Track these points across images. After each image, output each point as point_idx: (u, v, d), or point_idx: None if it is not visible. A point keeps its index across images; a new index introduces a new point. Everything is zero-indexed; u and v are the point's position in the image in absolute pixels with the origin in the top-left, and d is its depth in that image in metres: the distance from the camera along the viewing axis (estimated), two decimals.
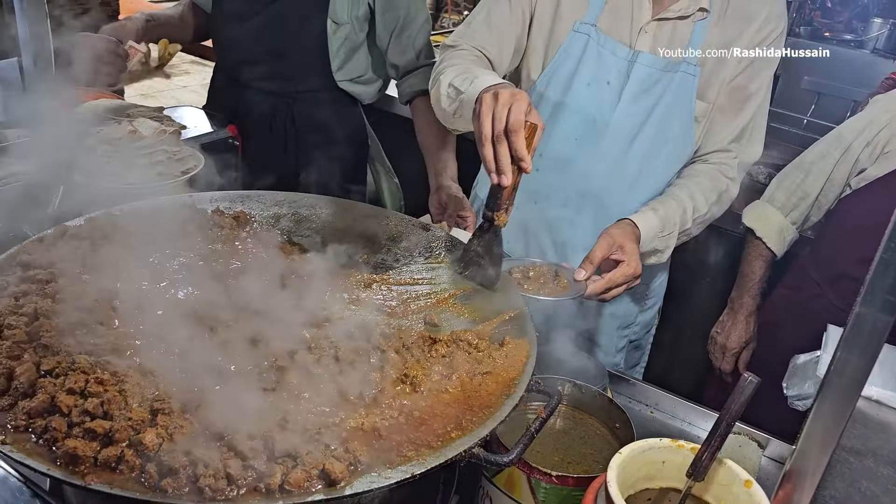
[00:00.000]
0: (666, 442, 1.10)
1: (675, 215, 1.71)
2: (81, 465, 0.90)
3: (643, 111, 1.72)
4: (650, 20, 1.68)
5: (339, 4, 2.19)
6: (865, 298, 0.92)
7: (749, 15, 1.66)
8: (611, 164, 1.77)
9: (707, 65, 1.69)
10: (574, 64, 1.73)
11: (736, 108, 1.74)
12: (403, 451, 1.01)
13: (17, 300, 1.14)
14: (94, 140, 1.77)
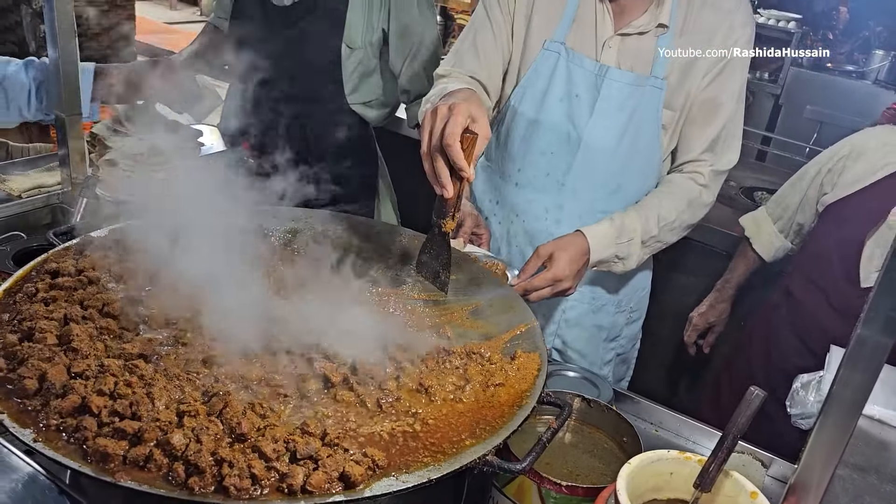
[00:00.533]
0: (674, 454, 1.13)
1: (634, 223, 1.75)
2: (111, 462, 0.93)
3: (616, 125, 1.77)
4: (612, 35, 1.73)
5: (353, 30, 2.25)
6: (867, 320, 0.96)
7: (710, 28, 1.70)
8: (587, 177, 1.82)
9: (672, 77, 1.74)
10: (546, 81, 1.79)
11: (707, 119, 1.78)
12: (420, 457, 1.04)
13: (47, 305, 1.18)
14: (115, 154, 1.82)
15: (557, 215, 1.87)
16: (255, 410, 1.04)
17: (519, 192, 1.90)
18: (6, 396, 1.02)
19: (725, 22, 1.71)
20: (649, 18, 1.71)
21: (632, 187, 1.84)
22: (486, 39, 1.81)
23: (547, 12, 1.77)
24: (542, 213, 1.89)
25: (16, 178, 1.85)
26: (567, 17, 1.75)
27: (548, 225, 1.89)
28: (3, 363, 1.06)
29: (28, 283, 1.26)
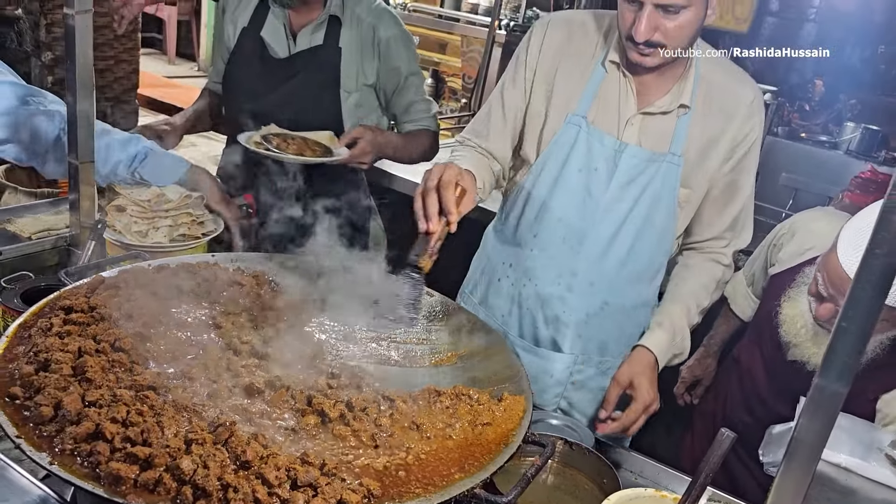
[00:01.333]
0: (650, 491, 1.20)
1: (681, 320, 1.85)
2: (123, 485, 0.99)
3: (631, 198, 1.85)
4: (636, 113, 1.82)
5: (347, 77, 2.42)
6: (823, 370, 1.05)
7: (730, 113, 1.80)
8: (601, 245, 1.89)
9: (690, 155, 1.83)
10: (566, 152, 1.86)
11: (728, 200, 1.88)
12: (412, 489, 1.10)
13: (61, 339, 1.25)
14: (123, 200, 1.90)
15: (570, 281, 1.92)
16: (259, 441, 1.10)
17: (533, 256, 1.95)
18: (23, 422, 1.08)
19: (743, 109, 1.80)
20: (672, 98, 1.79)
21: (643, 258, 1.91)
22: (497, 119, 1.94)
23: (568, 86, 1.85)
24: (555, 278, 1.94)
25: (26, 220, 1.93)
26: (589, 91, 1.83)
27: (560, 290, 1.94)
28: (20, 392, 1.13)
29: (42, 319, 1.33)
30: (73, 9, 1.71)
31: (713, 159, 1.82)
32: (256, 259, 1.74)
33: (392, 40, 2.43)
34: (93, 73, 1.82)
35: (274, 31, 2.43)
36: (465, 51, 6.04)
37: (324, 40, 2.40)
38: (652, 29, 1.61)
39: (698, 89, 1.80)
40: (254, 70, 2.47)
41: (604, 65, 1.82)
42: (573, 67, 1.85)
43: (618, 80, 1.82)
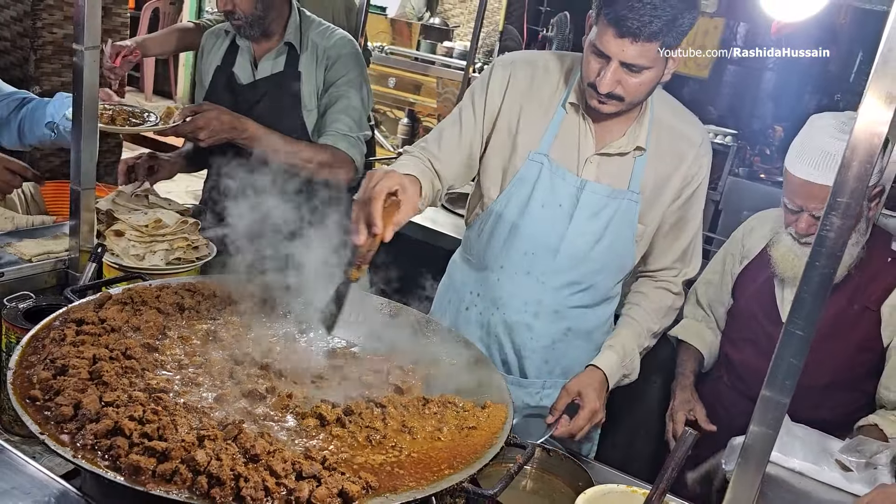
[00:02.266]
0: (622, 487, 1.31)
1: (631, 343, 1.96)
2: (142, 475, 1.08)
3: (592, 233, 1.95)
4: (594, 153, 1.93)
5: (306, 98, 2.58)
6: (768, 383, 1.20)
7: (680, 154, 1.93)
8: (564, 277, 1.99)
9: (646, 193, 1.94)
10: (529, 188, 1.95)
11: (678, 233, 2.01)
12: (406, 482, 1.20)
13: (76, 347, 1.34)
14: (122, 225, 2.00)
15: (536, 309, 2.01)
16: (265, 438, 1.20)
17: (500, 286, 2.03)
18: (45, 421, 1.16)
19: (692, 151, 1.92)
20: (628, 141, 1.90)
21: (604, 287, 2.03)
22: (451, 137, 1.98)
23: (532, 126, 1.94)
24: (521, 307, 2.02)
25: (26, 243, 2.00)
26: (551, 131, 1.92)
27: (526, 317, 2.02)
28: (40, 394, 1.21)
29: (53, 331, 1.41)
30: (83, 45, 1.83)
31: (665, 196, 1.94)
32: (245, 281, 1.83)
33: (341, 58, 2.57)
34: (97, 105, 1.94)
35: (242, 63, 2.62)
36: (440, 92, 6.24)
37: (284, 67, 2.58)
38: (615, 82, 1.73)
39: (652, 132, 1.91)
40: (225, 98, 2.61)
41: (564, 106, 1.92)
42: (536, 108, 1.94)
43: (577, 121, 1.92)
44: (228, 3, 2.42)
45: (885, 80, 1.03)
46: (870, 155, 1.05)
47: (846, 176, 1.07)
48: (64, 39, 3.81)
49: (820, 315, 1.13)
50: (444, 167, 1.95)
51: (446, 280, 2.25)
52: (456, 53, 6.34)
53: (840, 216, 1.08)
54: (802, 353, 1.16)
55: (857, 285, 1.99)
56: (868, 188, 1.75)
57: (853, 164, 1.07)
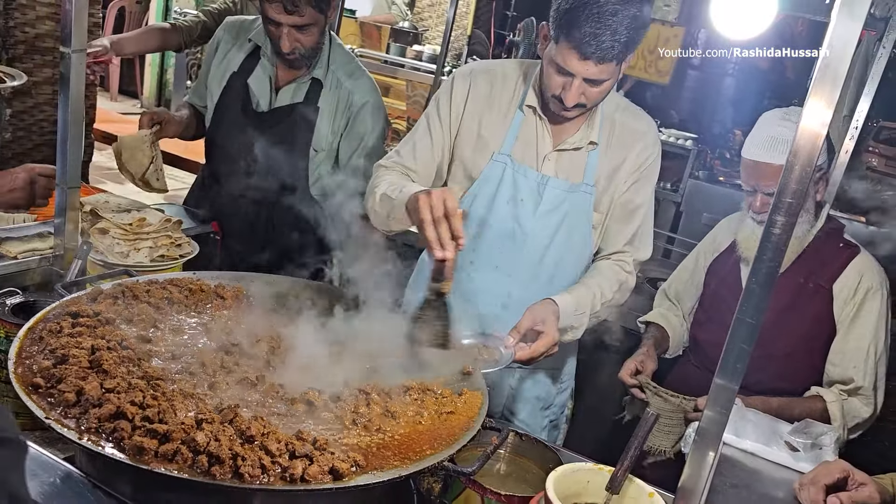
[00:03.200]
0: (590, 465, 1.42)
1: (586, 298, 2.06)
2: (146, 455, 1.15)
3: (553, 224, 2.08)
4: (551, 150, 2.07)
5: (320, 136, 2.60)
6: (720, 371, 1.31)
7: (628, 146, 2.07)
8: (529, 268, 2.11)
9: (599, 184, 2.08)
10: (494, 186, 2.08)
11: (627, 218, 2.14)
12: (391, 461, 1.29)
13: (74, 338, 1.40)
14: (106, 224, 2.05)
15: (505, 301, 2.12)
16: (259, 421, 1.28)
17: (471, 281, 2.13)
18: (50, 406, 1.23)
19: (640, 141, 2.07)
20: (582, 136, 2.04)
21: (567, 277, 2.13)
22: (424, 147, 2.11)
23: (494, 129, 2.07)
24: (491, 300, 2.13)
25: (11, 241, 2.04)
26: (511, 133, 2.06)
27: (496, 309, 2.13)
28: (43, 382, 1.28)
29: (49, 323, 1.47)
30: (70, 48, 1.88)
31: (616, 184, 2.08)
32: (234, 278, 1.91)
33: (364, 108, 2.59)
34: (83, 107, 1.99)
35: (260, 82, 2.59)
36: (409, 95, 6.33)
37: (304, 98, 2.57)
38: (579, 95, 1.88)
39: (603, 128, 2.06)
40: (236, 117, 2.63)
41: (522, 109, 2.06)
42: (496, 112, 2.08)
43: (535, 121, 2.05)
44: (295, 42, 2.41)
45: (824, 88, 1.15)
46: (810, 160, 1.17)
47: (789, 178, 1.19)
48: (35, 39, 3.81)
49: (767, 304, 1.25)
50: (419, 178, 2.09)
51: (416, 276, 2.35)
52: (425, 57, 6.43)
53: (784, 214, 1.20)
54: (752, 340, 1.27)
55: (811, 266, 2.20)
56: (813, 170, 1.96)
57: (795, 168, 1.18)
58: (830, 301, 2.16)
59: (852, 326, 2.14)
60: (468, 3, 7.66)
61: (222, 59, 2.66)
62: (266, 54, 2.58)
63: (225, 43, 2.68)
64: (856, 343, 2.13)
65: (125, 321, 1.54)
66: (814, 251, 2.20)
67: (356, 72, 2.64)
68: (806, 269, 2.19)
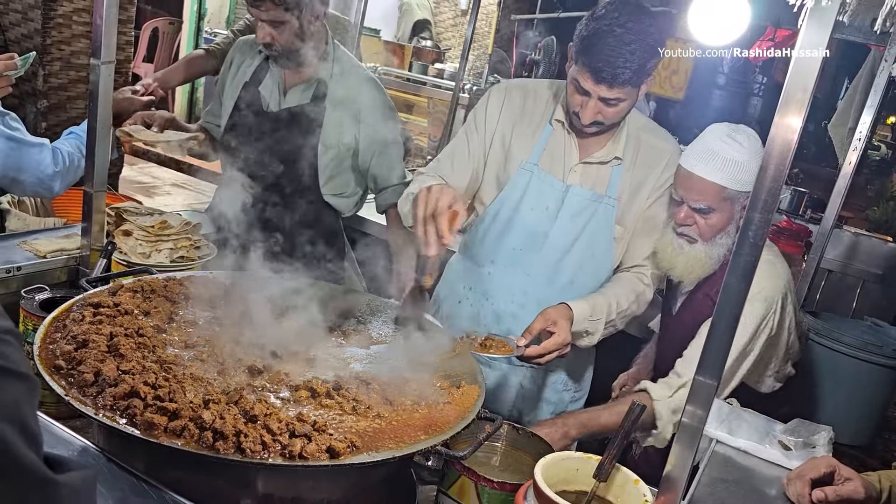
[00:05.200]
0: (579, 454, 1.48)
1: (602, 306, 2.13)
2: (156, 430, 1.24)
3: (575, 230, 2.18)
4: (578, 162, 2.17)
5: (327, 133, 2.69)
6: (700, 367, 1.37)
7: (652, 164, 2.17)
8: (548, 271, 2.21)
9: (623, 199, 2.17)
10: (520, 192, 2.20)
11: (648, 233, 2.21)
12: (386, 444, 1.37)
13: (94, 325, 1.50)
14: (130, 226, 2.16)
15: (522, 300, 2.23)
16: (262, 403, 1.36)
17: (490, 279, 2.26)
18: (69, 385, 1.32)
19: (663, 160, 2.17)
20: (608, 152, 2.15)
21: (585, 283, 2.21)
22: (461, 157, 2.24)
23: (524, 140, 2.20)
24: (509, 298, 2.25)
25: (40, 241, 2.16)
26: (540, 144, 2.18)
27: (513, 308, 2.24)
28: (64, 364, 1.37)
29: (73, 313, 1.58)
30: (100, 60, 2.00)
31: (639, 201, 2.18)
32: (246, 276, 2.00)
33: (374, 108, 2.69)
34: (111, 115, 2.11)
35: (269, 87, 2.72)
36: (430, 111, 6.43)
37: (311, 99, 2.69)
38: (595, 113, 2.00)
39: (628, 144, 2.17)
40: (248, 120, 2.75)
41: (551, 122, 2.18)
42: (527, 125, 2.21)
43: (563, 135, 2.17)
44: (267, 35, 2.52)
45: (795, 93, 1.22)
46: (783, 158, 1.23)
47: (764, 176, 1.25)
48: (71, 56, 3.99)
49: (745, 299, 1.30)
50: (455, 182, 2.19)
51: (442, 282, 2.47)
52: (447, 75, 6.55)
53: (760, 211, 1.26)
54: (731, 334, 1.33)
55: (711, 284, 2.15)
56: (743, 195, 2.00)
57: (770, 167, 1.25)
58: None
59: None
60: (490, 23, 7.79)
61: (235, 74, 2.79)
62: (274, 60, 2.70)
63: (237, 60, 2.82)
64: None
65: (143, 313, 1.63)
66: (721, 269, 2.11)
67: (361, 74, 2.75)
68: (709, 286, 2.15)
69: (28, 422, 0.69)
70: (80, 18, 3.93)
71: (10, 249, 2.15)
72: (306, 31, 2.60)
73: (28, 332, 1.78)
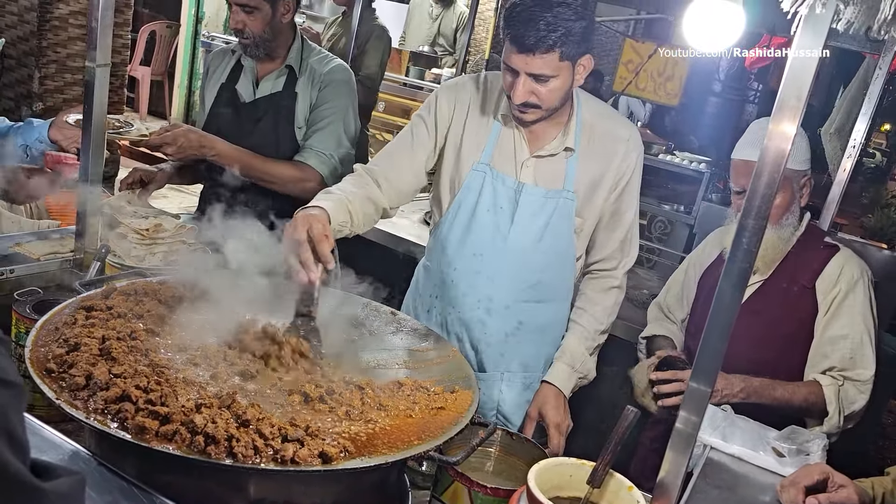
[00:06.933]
0: (573, 460, 1.47)
1: (578, 348, 2.14)
2: (147, 434, 1.23)
3: (535, 231, 2.12)
4: (529, 157, 2.12)
5: (299, 117, 2.79)
6: (694, 375, 1.37)
7: (611, 152, 2.11)
8: (512, 274, 2.16)
9: (581, 190, 2.12)
10: (476, 195, 2.14)
11: (615, 226, 2.19)
12: (379, 449, 1.36)
13: (86, 328, 1.49)
14: (125, 229, 2.16)
15: (488, 305, 2.18)
16: (255, 407, 1.35)
17: (455, 287, 2.20)
18: (60, 389, 1.32)
19: (622, 146, 2.11)
20: (558, 143, 2.09)
21: (551, 281, 2.19)
22: (403, 151, 2.18)
23: (475, 139, 2.15)
24: (474, 304, 2.19)
25: (34, 244, 2.16)
26: (490, 142, 2.13)
27: (480, 314, 2.19)
28: (55, 367, 1.37)
29: (65, 315, 1.57)
30: (95, 62, 2.00)
31: (601, 191, 2.12)
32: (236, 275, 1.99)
33: (332, 84, 2.78)
34: (105, 119, 2.10)
35: (244, 83, 2.83)
36: None
37: (283, 87, 2.78)
38: (527, 93, 1.92)
39: (582, 133, 2.10)
40: (227, 113, 2.84)
41: (498, 118, 2.12)
42: (477, 123, 2.15)
43: (511, 130, 2.11)
44: (240, 22, 2.63)
45: (790, 98, 1.22)
46: (777, 166, 1.24)
47: (758, 183, 1.25)
48: (67, 58, 3.99)
49: (738, 305, 1.30)
50: (392, 181, 2.15)
51: (412, 286, 2.43)
52: (443, 79, 6.56)
53: (754, 217, 1.26)
54: (724, 339, 1.33)
55: (794, 270, 2.24)
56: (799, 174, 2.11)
57: (764, 173, 1.25)
58: (815, 301, 2.19)
59: (837, 315, 2.16)
60: (487, 28, 7.80)
61: (212, 78, 2.90)
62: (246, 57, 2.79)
63: (213, 67, 2.92)
64: (845, 330, 2.15)
65: (136, 316, 1.62)
66: (795, 255, 2.25)
67: (329, 60, 2.85)
68: (789, 273, 2.24)
69: (14, 429, 0.68)
70: (76, 21, 3.93)
71: (4, 252, 2.15)
72: (278, 21, 2.69)
73: (21, 335, 1.77)
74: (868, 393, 2.13)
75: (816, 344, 2.18)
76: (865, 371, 2.12)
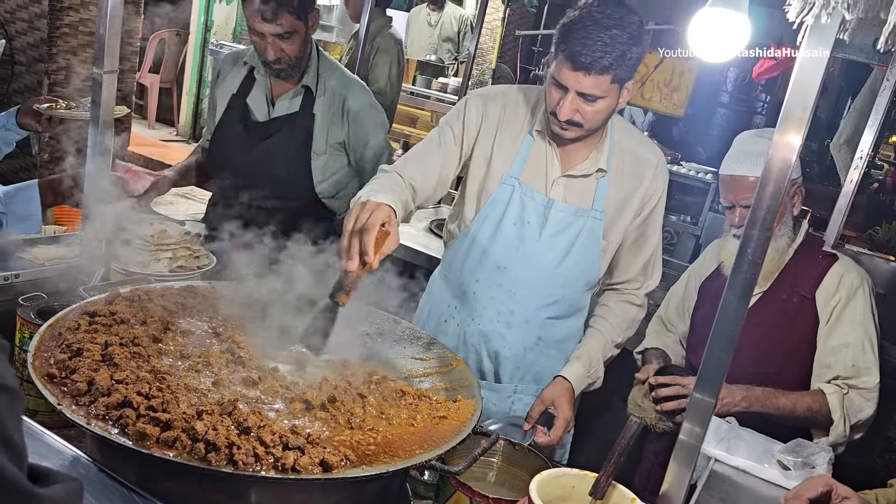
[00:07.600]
0: (575, 471, 1.46)
1: (597, 353, 2.13)
2: (148, 440, 1.23)
3: (562, 247, 2.12)
4: (560, 175, 2.12)
5: (318, 141, 2.73)
6: (698, 385, 1.37)
7: (639, 175, 2.12)
8: (534, 289, 2.15)
9: (609, 212, 2.12)
10: (502, 208, 2.14)
11: (639, 248, 2.19)
12: (380, 458, 1.35)
13: (89, 334, 1.49)
14: (130, 235, 2.16)
15: (508, 319, 2.18)
16: (256, 415, 1.35)
17: (476, 298, 2.20)
18: (62, 394, 1.32)
19: (650, 172, 2.11)
20: (591, 164, 2.09)
21: (572, 298, 2.19)
22: (431, 157, 2.14)
23: (504, 152, 2.13)
24: (495, 317, 2.19)
25: (40, 249, 2.17)
26: (521, 156, 2.12)
27: (499, 327, 2.19)
28: (58, 372, 1.37)
29: (68, 321, 1.57)
30: (102, 69, 2.01)
31: (627, 214, 2.12)
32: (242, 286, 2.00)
33: (361, 111, 2.74)
34: (112, 125, 2.11)
35: (257, 98, 2.75)
36: (433, 125, 6.46)
37: (300, 108, 2.71)
38: (573, 111, 1.93)
39: (613, 155, 2.11)
40: (237, 131, 2.77)
41: (531, 133, 2.12)
42: (508, 136, 2.14)
43: (544, 146, 2.11)
44: (278, 51, 2.53)
45: (795, 109, 1.22)
46: (783, 175, 1.23)
47: (763, 193, 1.24)
48: (76, 65, 4.01)
49: (742, 316, 1.30)
50: (420, 185, 2.12)
51: (426, 295, 2.40)
52: (450, 89, 6.58)
53: (759, 228, 1.26)
54: (728, 351, 1.32)
55: (793, 280, 2.24)
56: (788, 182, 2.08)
57: (770, 184, 1.24)
58: (815, 310, 2.18)
59: (838, 324, 2.16)
60: (494, 38, 7.83)
61: (224, 85, 2.83)
62: (260, 72, 2.73)
63: (224, 72, 2.85)
64: (847, 339, 2.14)
65: (139, 322, 1.63)
66: (794, 265, 2.25)
67: (345, 77, 2.79)
68: (788, 284, 2.23)
69: (10, 434, 0.68)
70: (85, 28, 3.96)
71: (9, 257, 2.15)
72: (309, 37, 2.63)
73: (24, 340, 1.77)
74: (875, 401, 2.11)
75: (819, 355, 2.16)
76: (870, 378, 2.11)
